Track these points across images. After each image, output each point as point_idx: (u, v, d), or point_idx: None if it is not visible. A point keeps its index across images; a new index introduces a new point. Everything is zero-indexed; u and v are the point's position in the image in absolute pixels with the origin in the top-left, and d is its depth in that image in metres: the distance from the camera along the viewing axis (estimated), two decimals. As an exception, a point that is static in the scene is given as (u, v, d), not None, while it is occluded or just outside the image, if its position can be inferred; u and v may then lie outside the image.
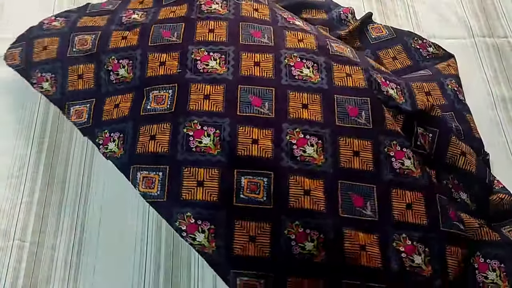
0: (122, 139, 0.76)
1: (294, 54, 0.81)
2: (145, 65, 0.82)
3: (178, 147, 0.72)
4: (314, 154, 0.72)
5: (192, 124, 0.74)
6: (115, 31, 0.88)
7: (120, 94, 0.82)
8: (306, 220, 0.68)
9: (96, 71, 0.85)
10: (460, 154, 0.78)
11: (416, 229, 0.69)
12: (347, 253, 0.67)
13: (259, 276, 0.67)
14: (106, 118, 0.80)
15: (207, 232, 0.68)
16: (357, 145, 0.72)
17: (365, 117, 0.75)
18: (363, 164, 0.72)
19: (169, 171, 0.72)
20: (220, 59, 0.80)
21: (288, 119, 0.74)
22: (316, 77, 0.79)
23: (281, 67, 0.80)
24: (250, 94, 0.76)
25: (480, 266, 0.71)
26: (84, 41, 0.88)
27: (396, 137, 0.74)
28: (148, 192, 0.72)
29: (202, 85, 0.77)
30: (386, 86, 0.80)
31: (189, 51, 0.81)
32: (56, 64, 0.88)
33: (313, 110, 0.75)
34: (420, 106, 0.80)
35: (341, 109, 0.76)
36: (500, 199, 0.78)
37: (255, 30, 0.85)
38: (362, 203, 0.70)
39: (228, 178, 0.70)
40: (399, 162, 0.73)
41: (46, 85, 0.86)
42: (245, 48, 0.82)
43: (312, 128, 0.74)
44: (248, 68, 0.79)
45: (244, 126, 0.73)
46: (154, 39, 0.84)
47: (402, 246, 0.68)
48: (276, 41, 0.84)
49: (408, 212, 0.70)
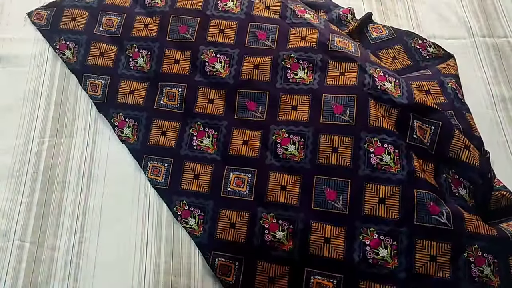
0: (136, 127, 0.89)
1: (291, 55, 0.88)
2: (161, 60, 0.93)
3: (182, 144, 0.86)
4: (295, 151, 0.80)
5: (196, 125, 0.87)
6: (138, 15, 0.99)
7: (135, 80, 0.93)
8: (279, 212, 0.77)
9: (117, 54, 0.97)
10: (464, 148, 0.79)
11: (386, 223, 0.73)
12: (311, 244, 0.74)
13: (233, 259, 0.76)
14: (121, 101, 0.92)
15: (197, 218, 0.80)
16: (337, 141, 0.79)
17: (349, 114, 0.80)
18: (341, 160, 0.78)
19: (173, 164, 0.85)
20: (224, 62, 0.91)
21: (277, 120, 0.83)
22: (309, 78, 0.86)
23: (278, 69, 0.88)
24: (247, 99, 0.87)
25: (477, 260, 0.71)
26: (111, 22, 0.99)
27: (378, 133, 0.78)
28: (154, 179, 0.84)
29: (208, 89, 0.89)
30: (383, 80, 0.82)
31: (199, 51, 0.92)
32: (82, 36, 0.99)
33: (301, 111, 0.83)
34: (417, 99, 0.80)
35: (327, 107, 0.82)
36: (501, 195, 0.78)
37: (262, 31, 0.93)
38: (335, 197, 0.76)
39: (219, 173, 0.82)
40: (378, 158, 0.77)
41: (68, 53, 0.98)
42: (249, 51, 0.91)
43: (297, 128, 0.82)
44: (248, 71, 0.89)
45: (238, 128, 0.85)
46: (171, 33, 0.95)
47: (368, 239, 0.73)
48: (278, 41, 0.91)
49: (380, 206, 0.74)
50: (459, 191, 0.78)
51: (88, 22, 1.00)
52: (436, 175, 0.79)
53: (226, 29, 0.94)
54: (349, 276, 0.72)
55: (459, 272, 0.70)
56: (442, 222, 0.72)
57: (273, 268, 0.75)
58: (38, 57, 0.99)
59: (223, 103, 0.88)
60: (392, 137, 0.78)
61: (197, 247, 0.79)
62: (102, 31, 0.99)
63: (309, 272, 0.74)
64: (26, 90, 0.95)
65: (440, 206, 0.73)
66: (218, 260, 0.76)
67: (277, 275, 0.74)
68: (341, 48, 0.87)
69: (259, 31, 0.93)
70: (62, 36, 0.99)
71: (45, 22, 1.02)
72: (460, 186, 0.78)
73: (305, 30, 0.91)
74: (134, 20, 0.99)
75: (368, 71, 0.83)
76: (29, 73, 0.97)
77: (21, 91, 0.94)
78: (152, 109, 0.90)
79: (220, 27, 0.94)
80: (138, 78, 0.94)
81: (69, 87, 0.96)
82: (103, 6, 1.02)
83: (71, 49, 0.98)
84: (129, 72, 0.94)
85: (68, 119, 0.92)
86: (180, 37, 0.94)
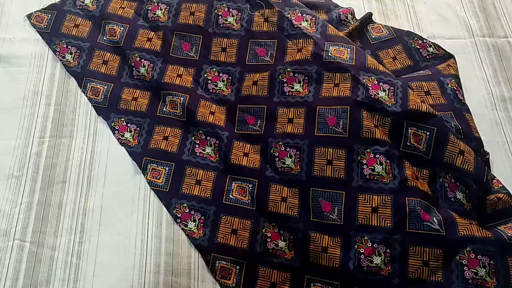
0: (137, 132, 0.90)
1: (288, 69, 0.91)
2: (163, 72, 0.95)
3: (185, 150, 0.88)
4: (292, 165, 0.83)
5: (199, 134, 0.88)
6: (141, 28, 1.01)
7: (139, 89, 0.95)
8: (280, 222, 0.80)
9: (120, 63, 0.98)
10: (458, 153, 0.78)
11: (379, 231, 0.75)
12: (311, 253, 0.76)
13: (234, 262, 0.77)
14: (124, 107, 0.93)
15: (197, 221, 0.82)
16: (331, 154, 0.81)
17: (342, 126, 0.82)
18: (335, 172, 0.81)
19: (174, 168, 0.86)
20: (227, 80, 0.95)
21: (274, 134, 0.86)
22: (305, 91, 0.89)
23: (275, 84, 0.91)
24: (247, 114, 0.90)
25: (470, 262, 0.72)
26: (113, 31, 1.00)
27: (371, 144, 0.81)
28: (154, 181, 0.85)
29: (210, 103, 0.92)
30: (377, 89, 0.84)
31: (203, 69, 0.96)
32: (85, 43, 1.00)
33: (297, 124, 0.86)
34: (411, 106, 0.81)
35: (321, 119, 0.84)
36: (497, 198, 0.78)
37: (261, 47, 0.97)
38: (330, 208, 0.79)
39: (222, 181, 0.84)
40: (370, 169, 0.79)
41: (69, 56, 0.98)
42: (249, 69, 0.95)
43: (293, 141, 0.85)
44: (248, 88, 0.92)
45: (239, 141, 0.87)
46: (175, 49, 0.98)
47: (363, 248, 0.75)
48: (276, 56, 0.94)
49: (373, 215, 0.76)
50: (456, 195, 0.79)
51: (92, 31, 1.02)
52: (432, 181, 0.80)
53: (227, 48, 0.98)
54: (345, 283, 0.74)
55: (452, 274, 0.72)
56: (434, 228, 0.73)
57: (275, 274, 0.77)
58: (38, 57, 0.99)
59: (224, 117, 0.90)
60: (384, 147, 0.80)
61: None
62: (106, 40, 1.00)
63: (309, 279, 0.76)
64: (26, 90, 0.95)
65: (431, 214, 0.75)
66: (219, 263, 0.77)
67: (279, 281, 0.76)
68: (335, 58, 0.89)
69: (259, 47, 0.97)
70: (63, 40, 1.00)
71: (45, 25, 1.02)
72: (457, 190, 0.79)
73: (301, 41, 0.94)
74: (138, 32, 1.00)
75: (362, 80, 0.85)
76: (29, 73, 0.97)
77: (21, 91, 0.94)
78: (155, 116, 0.92)
79: (222, 46, 0.98)
80: (141, 87, 0.95)
81: (69, 87, 0.96)
82: (105, 16, 1.02)
83: (72, 53, 0.98)
84: (132, 81, 0.96)
85: (68, 119, 0.92)
86: (184, 54, 0.98)
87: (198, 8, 1.01)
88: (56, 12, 1.03)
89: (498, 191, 0.80)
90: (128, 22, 1.02)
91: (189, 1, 1.03)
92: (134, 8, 1.05)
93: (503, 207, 0.78)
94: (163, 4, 1.03)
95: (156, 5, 1.03)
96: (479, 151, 0.84)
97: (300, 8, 0.99)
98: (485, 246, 0.72)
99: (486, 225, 0.77)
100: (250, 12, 0.99)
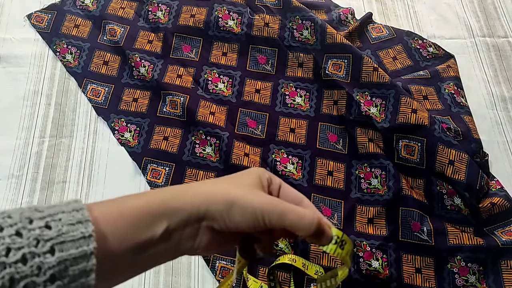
0: (137, 132, 0.90)
1: (290, 84, 0.95)
2: (164, 73, 0.96)
3: (185, 150, 0.88)
4: (294, 170, 0.85)
5: (199, 133, 0.88)
6: (142, 30, 1.01)
7: (139, 89, 0.95)
8: None
9: (121, 64, 0.98)
10: (448, 164, 0.78)
11: (376, 239, 0.77)
12: (311, 254, 0.78)
13: (234, 262, 0.77)
14: (124, 108, 0.93)
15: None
16: (332, 166, 0.85)
17: (342, 144, 0.87)
18: (335, 182, 0.84)
19: (175, 168, 0.86)
20: (227, 82, 0.95)
21: (276, 140, 0.88)
22: (306, 106, 0.92)
23: (278, 95, 0.94)
24: (248, 117, 0.91)
25: (460, 269, 0.74)
26: (114, 31, 1.00)
27: (366, 159, 0.84)
28: (153, 181, 0.85)
29: (210, 103, 0.92)
30: (369, 105, 0.86)
31: (203, 70, 0.97)
32: (85, 44, 1.00)
33: (298, 134, 0.89)
34: (400, 119, 0.82)
35: (323, 135, 0.88)
36: (491, 204, 0.77)
37: (262, 55, 0.98)
38: (330, 214, 0.81)
39: None
40: (367, 183, 0.82)
41: (69, 57, 0.98)
42: (250, 74, 0.97)
43: (295, 150, 0.87)
44: (250, 93, 0.94)
45: (239, 141, 0.87)
46: (175, 51, 0.99)
47: (362, 252, 0.76)
48: (277, 67, 0.96)
49: (369, 225, 0.79)
50: (454, 201, 0.78)
51: (92, 31, 1.01)
52: (427, 189, 0.80)
53: (228, 52, 0.98)
54: (345, 284, 0.75)
55: (444, 282, 0.74)
56: (423, 239, 0.75)
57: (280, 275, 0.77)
58: (38, 57, 0.99)
59: (224, 118, 0.91)
60: (378, 160, 0.83)
61: None
62: (106, 40, 1.00)
63: (309, 280, 0.76)
64: (26, 90, 0.95)
65: (422, 223, 0.76)
66: (219, 263, 0.78)
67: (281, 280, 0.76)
68: (332, 75, 0.90)
69: (259, 54, 0.98)
70: (63, 40, 0.99)
71: (45, 25, 1.02)
72: (455, 196, 0.78)
73: (302, 56, 0.96)
74: (138, 34, 1.00)
75: (355, 97, 0.87)
76: (29, 73, 0.97)
77: (21, 91, 0.94)
78: (155, 116, 0.92)
79: (223, 50, 0.98)
80: (141, 87, 0.95)
81: (69, 87, 0.96)
82: (106, 16, 1.02)
83: (73, 53, 0.98)
84: (133, 81, 0.96)
85: (68, 119, 0.92)
86: (184, 55, 0.98)
87: (199, 11, 1.01)
88: (56, 12, 1.03)
89: (495, 194, 0.80)
90: (128, 23, 1.02)
91: (189, 3, 1.03)
92: (134, 9, 1.04)
93: (499, 210, 0.78)
94: (163, 5, 1.03)
95: (157, 6, 1.03)
96: (478, 153, 0.84)
97: (300, 13, 0.98)
98: (475, 254, 0.74)
99: (484, 229, 0.77)
100: (250, 15, 0.99)
